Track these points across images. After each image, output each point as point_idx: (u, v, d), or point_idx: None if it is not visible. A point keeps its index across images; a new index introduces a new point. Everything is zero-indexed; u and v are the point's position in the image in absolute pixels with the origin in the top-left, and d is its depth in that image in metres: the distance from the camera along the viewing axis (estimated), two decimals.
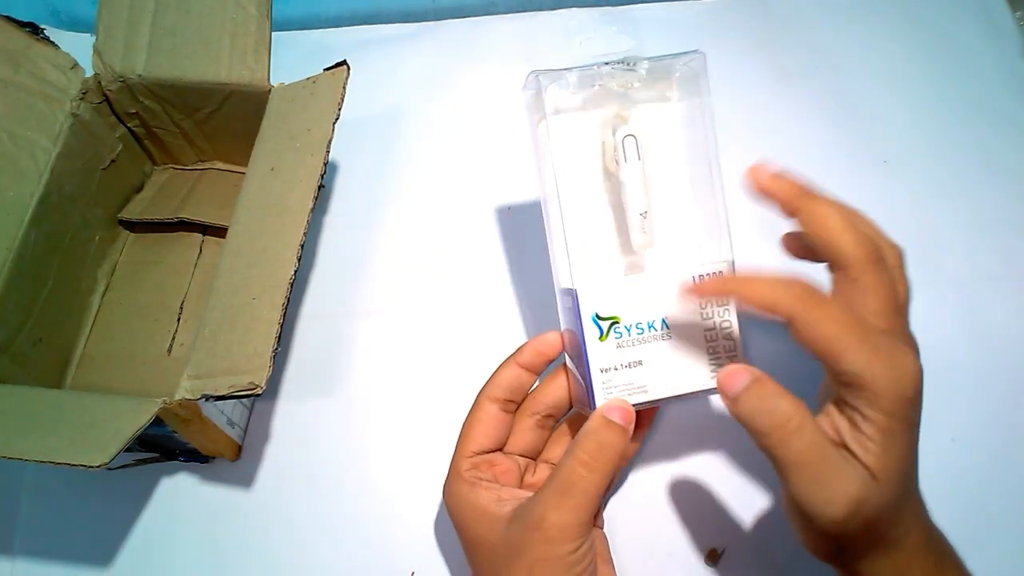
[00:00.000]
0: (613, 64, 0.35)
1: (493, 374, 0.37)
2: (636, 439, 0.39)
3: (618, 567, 0.37)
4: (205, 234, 0.51)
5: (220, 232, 0.49)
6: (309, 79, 0.43)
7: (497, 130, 0.55)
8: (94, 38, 0.46)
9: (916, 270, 0.35)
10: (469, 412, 0.37)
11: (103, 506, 0.43)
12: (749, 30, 0.59)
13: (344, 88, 0.42)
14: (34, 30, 0.45)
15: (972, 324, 0.46)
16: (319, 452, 0.44)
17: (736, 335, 0.35)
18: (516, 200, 0.52)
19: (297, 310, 0.48)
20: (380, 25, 0.61)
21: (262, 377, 0.34)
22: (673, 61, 0.36)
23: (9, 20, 0.44)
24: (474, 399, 0.37)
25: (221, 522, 0.42)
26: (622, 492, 0.42)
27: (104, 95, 0.47)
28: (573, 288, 0.34)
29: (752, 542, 0.40)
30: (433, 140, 0.55)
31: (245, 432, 0.44)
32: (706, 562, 0.40)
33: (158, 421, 0.34)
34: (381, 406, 0.45)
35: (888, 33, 0.58)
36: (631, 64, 0.35)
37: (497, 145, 0.54)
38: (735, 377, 0.31)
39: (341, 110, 0.41)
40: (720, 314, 0.35)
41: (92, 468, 0.30)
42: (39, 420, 0.34)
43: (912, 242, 0.35)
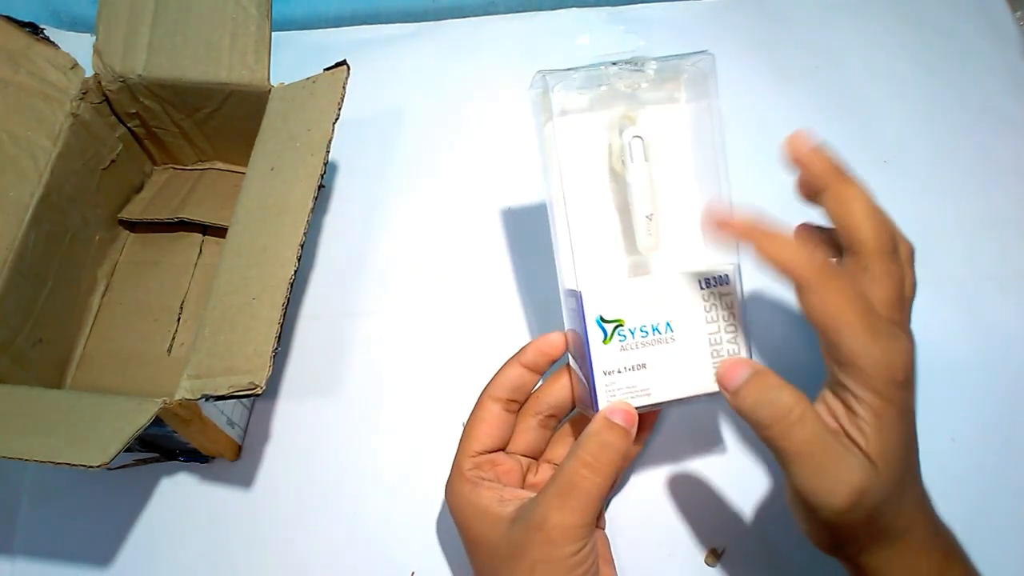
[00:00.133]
0: (620, 64, 0.34)
1: (496, 374, 0.37)
2: (638, 441, 0.39)
3: (618, 567, 0.37)
4: (205, 234, 0.51)
5: (220, 232, 0.49)
6: (309, 79, 0.43)
7: (497, 130, 0.55)
8: (94, 38, 0.46)
9: (917, 270, 0.35)
10: (472, 411, 0.37)
11: (103, 506, 0.43)
12: (749, 30, 0.59)
13: (344, 88, 0.42)
14: (34, 30, 0.45)
15: (972, 324, 0.46)
16: (319, 452, 0.44)
17: (741, 338, 0.35)
18: (516, 200, 0.52)
19: (297, 310, 0.48)
20: (380, 25, 0.61)
21: (262, 377, 0.34)
22: (681, 62, 0.35)
23: (9, 20, 0.44)
24: (477, 398, 0.37)
25: (221, 522, 0.42)
26: (623, 492, 0.42)
27: (104, 95, 0.47)
28: (577, 290, 0.34)
29: (752, 542, 0.40)
30: (433, 140, 0.55)
31: (245, 432, 0.44)
32: (706, 562, 0.40)
33: (158, 421, 0.34)
34: (381, 406, 0.45)
35: (888, 33, 0.58)
36: (639, 65, 0.34)
37: (497, 145, 0.54)
38: (735, 370, 0.31)
39: (341, 110, 0.41)
40: (725, 317, 0.35)
41: (92, 468, 0.30)
42: (39, 420, 0.34)
43: (912, 242, 0.36)
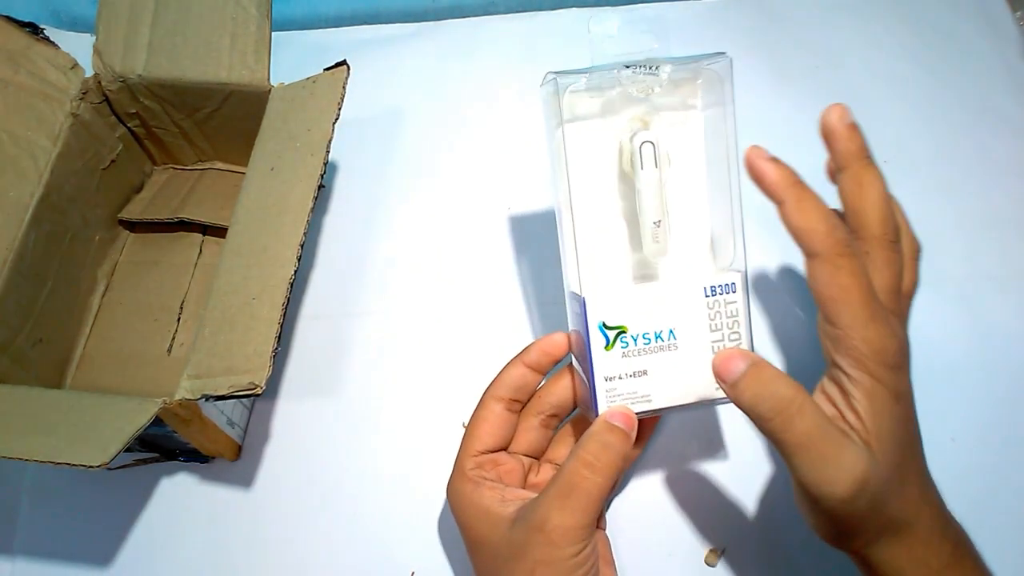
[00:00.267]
0: (634, 67, 0.33)
1: (499, 373, 0.37)
2: (638, 445, 0.39)
3: (619, 567, 0.37)
4: (205, 234, 0.51)
5: (220, 232, 0.49)
6: (309, 79, 0.43)
7: (497, 130, 0.55)
8: (94, 38, 0.46)
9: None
10: (475, 411, 0.37)
11: (103, 506, 0.43)
12: (749, 30, 0.59)
13: (344, 88, 0.42)
14: (34, 30, 0.45)
15: (972, 324, 0.46)
16: (319, 452, 0.44)
17: (745, 346, 0.34)
18: (517, 199, 0.52)
19: (297, 310, 0.48)
20: (380, 25, 0.61)
21: (262, 377, 0.34)
22: (696, 64, 0.34)
23: (9, 20, 0.44)
24: (480, 398, 0.37)
25: (221, 522, 0.42)
26: (623, 492, 0.42)
27: (104, 95, 0.47)
28: (581, 295, 0.34)
29: (753, 542, 0.40)
30: (433, 140, 0.55)
31: (245, 432, 0.44)
32: (706, 562, 0.40)
33: (158, 421, 0.34)
34: (381, 406, 0.45)
35: (888, 33, 0.58)
36: (652, 68, 0.33)
37: (497, 144, 0.54)
38: (731, 362, 0.31)
39: (341, 110, 0.41)
40: (729, 326, 0.34)
41: (92, 468, 0.30)
42: (39, 420, 0.34)
43: None
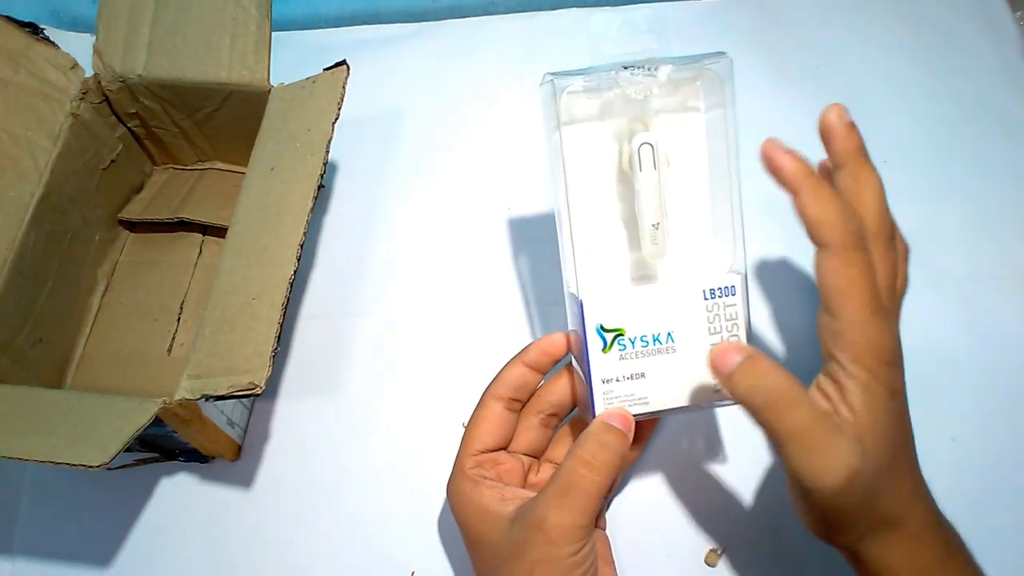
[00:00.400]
0: (632, 69, 0.33)
1: (499, 373, 0.37)
2: (637, 446, 0.39)
3: (618, 567, 0.37)
4: (205, 234, 0.51)
5: (220, 232, 0.49)
6: (309, 79, 0.43)
7: (497, 130, 0.55)
8: (94, 38, 0.46)
9: (916, 270, 0.36)
10: (474, 410, 0.37)
11: (103, 506, 0.43)
12: (749, 30, 0.59)
13: (344, 88, 0.42)
14: (34, 30, 0.45)
15: (972, 324, 0.46)
16: (319, 452, 0.44)
17: None
18: (516, 199, 0.52)
19: (297, 310, 0.48)
20: (380, 25, 0.61)
21: (262, 377, 0.34)
22: (696, 65, 0.33)
23: (9, 20, 0.44)
24: (480, 397, 0.37)
25: (221, 522, 0.42)
26: (623, 492, 0.42)
27: (104, 95, 0.47)
28: (579, 297, 0.34)
29: (752, 542, 0.40)
30: (433, 140, 0.55)
31: (245, 432, 0.44)
32: (706, 562, 0.40)
33: (158, 421, 0.34)
34: (381, 406, 0.45)
35: (888, 33, 0.58)
36: (652, 68, 0.33)
37: (497, 144, 0.54)
38: (727, 355, 0.31)
39: (341, 110, 0.41)
40: (728, 328, 0.34)
41: (92, 468, 0.30)
42: (39, 420, 0.34)
43: (912, 242, 0.36)
